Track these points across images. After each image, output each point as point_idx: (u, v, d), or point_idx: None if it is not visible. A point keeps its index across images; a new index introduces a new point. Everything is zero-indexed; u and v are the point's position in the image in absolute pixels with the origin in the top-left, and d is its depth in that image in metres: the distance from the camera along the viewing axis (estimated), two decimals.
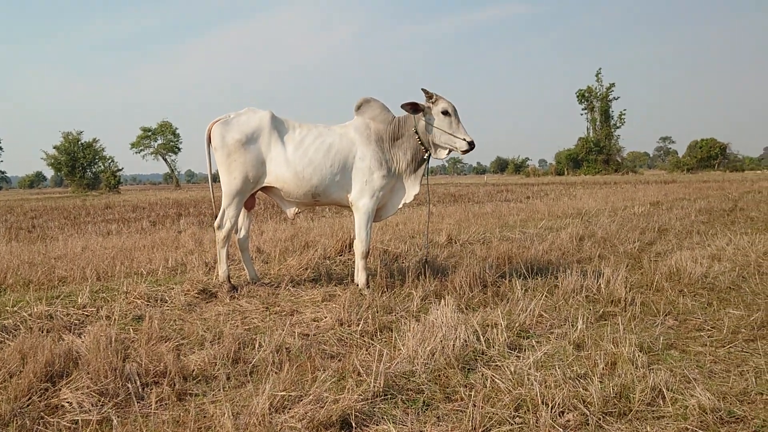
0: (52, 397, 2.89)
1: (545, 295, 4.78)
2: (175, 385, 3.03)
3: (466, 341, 3.56)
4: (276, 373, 3.14)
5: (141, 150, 64.07)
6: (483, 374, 3.16)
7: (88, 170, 51.50)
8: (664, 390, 2.90)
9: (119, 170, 50.08)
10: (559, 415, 2.70)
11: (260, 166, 5.02)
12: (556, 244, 7.45)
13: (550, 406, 2.73)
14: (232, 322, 4.17)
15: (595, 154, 62.88)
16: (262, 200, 15.60)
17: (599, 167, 61.45)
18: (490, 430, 2.60)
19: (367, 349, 3.62)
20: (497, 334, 3.71)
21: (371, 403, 2.81)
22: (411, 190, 5.27)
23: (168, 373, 3.13)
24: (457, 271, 5.27)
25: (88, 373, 3.05)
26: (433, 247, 7.54)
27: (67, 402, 2.83)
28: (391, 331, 3.93)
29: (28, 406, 2.81)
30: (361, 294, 4.89)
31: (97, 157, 51.81)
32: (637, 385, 2.93)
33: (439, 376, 3.18)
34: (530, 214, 12.02)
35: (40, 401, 2.85)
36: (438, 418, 2.73)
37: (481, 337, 3.65)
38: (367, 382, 2.95)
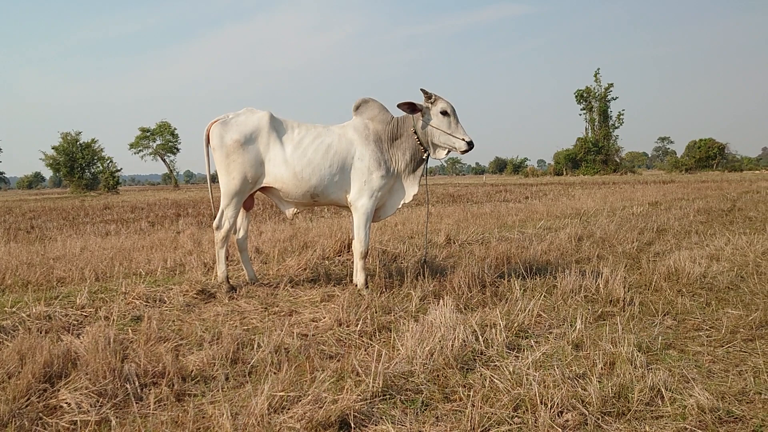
0: (51, 398, 2.89)
1: (544, 295, 4.79)
2: (173, 386, 3.03)
3: (464, 341, 3.56)
4: (275, 373, 3.14)
5: (140, 150, 64.12)
6: (482, 374, 3.16)
7: (87, 171, 51.48)
8: (663, 390, 2.90)
9: (118, 171, 50.02)
10: (558, 415, 2.70)
11: (259, 167, 5.02)
12: (555, 245, 7.45)
13: (549, 406, 2.73)
14: (231, 323, 4.16)
15: (594, 155, 62.98)
16: (261, 200, 15.59)
17: (598, 167, 61.54)
18: (488, 430, 2.60)
19: (366, 350, 3.62)
20: (496, 334, 3.72)
21: (370, 403, 2.81)
22: (410, 191, 5.27)
23: (167, 373, 3.13)
24: (456, 271, 5.27)
25: (87, 374, 3.05)
26: (432, 248, 7.54)
27: (66, 403, 2.82)
28: (390, 332, 3.93)
29: (26, 406, 2.81)
30: (360, 294, 4.88)
31: (96, 158, 51.78)
32: (636, 385, 2.93)
33: (438, 376, 3.18)
34: (529, 215, 12.02)
35: (38, 402, 2.85)
36: (437, 418, 2.73)
37: (480, 337, 3.65)
38: (365, 383, 2.95)
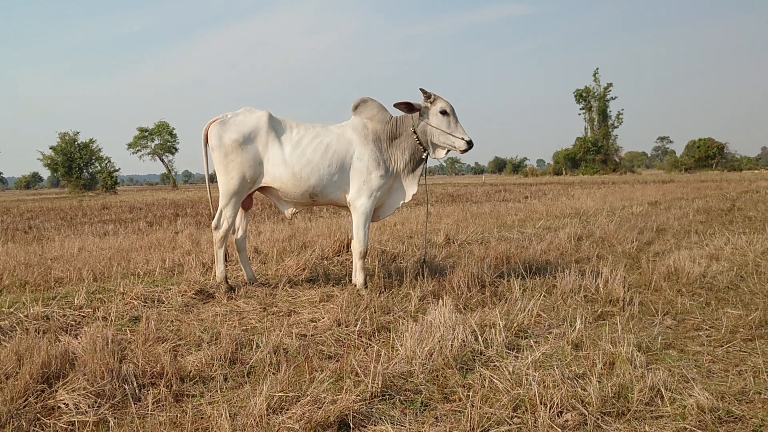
0: (49, 399, 2.88)
1: (543, 295, 4.78)
2: (172, 386, 3.02)
3: (464, 341, 3.55)
4: (273, 373, 3.13)
5: (138, 150, 64.06)
6: (481, 374, 3.15)
7: (85, 171, 51.37)
8: (663, 390, 2.89)
9: (116, 171, 49.94)
10: (558, 415, 2.70)
11: (257, 167, 5.01)
12: (555, 244, 7.44)
13: (549, 406, 2.73)
14: (230, 323, 4.16)
15: (593, 154, 63.05)
16: (260, 200, 15.58)
17: (597, 167, 61.60)
18: (488, 430, 2.60)
19: (365, 350, 3.61)
20: (495, 334, 3.71)
21: (369, 403, 2.81)
22: (409, 190, 5.26)
23: (165, 374, 3.12)
24: (455, 271, 5.27)
25: (85, 375, 3.04)
26: (431, 247, 7.53)
27: (64, 403, 2.81)
28: (389, 332, 3.92)
29: (24, 407, 2.79)
30: (359, 294, 4.88)
31: (94, 158, 51.67)
32: (636, 385, 2.93)
33: (437, 376, 3.18)
34: (528, 214, 12.02)
35: (36, 403, 2.84)
36: (436, 418, 2.73)
37: (480, 337, 3.64)
38: (364, 383, 2.94)
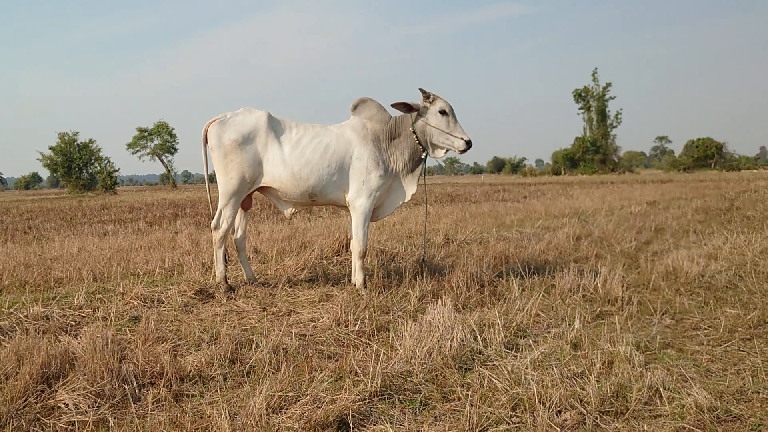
0: (49, 399, 2.89)
1: (542, 295, 4.79)
2: (171, 386, 3.02)
3: (463, 341, 3.56)
4: (273, 373, 3.14)
5: (137, 150, 64.00)
6: (480, 374, 3.16)
7: (85, 171, 51.29)
8: (661, 389, 2.90)
9: (115, 171, 49.92)
10: (556, 415, 2.70)
11: (257, 167, 5.02)
12: (553, 244, 7.45)
13: (548, 405, 2.73)
14: (229, 323, 4.16)
15: (592, 154, 63.08)
16: (259, 200, 15.58)
17: (596, 167, 61.64)
18: (487, 429, 2.60)
19: (364, 349, 3.62)
20: (494, 334, 3.72)
21: (368, 403, 2.81)
22: (408, 190, 5.27)
23: (165, 373, 3.13)
24: (454, 270, 5.27)
25: (85, 375, 3.04)
26: (430, 247, 7.54)
27: (64, 403, 2.82)
28: (388, 331, 3.93)
29: (24, 407, 2.80)
30: (358, 294, 4.88)
31: (94, 158, 51.59)
32: (634, 384, 2.93)
33: (436, 375, 3.18)
34: (527, 214, 12.03)
35: (36, 403, 2.84)
36: (435, 417, 2.73)
37: (478, 337, 3.65)
38: (364, 382, 2.95)
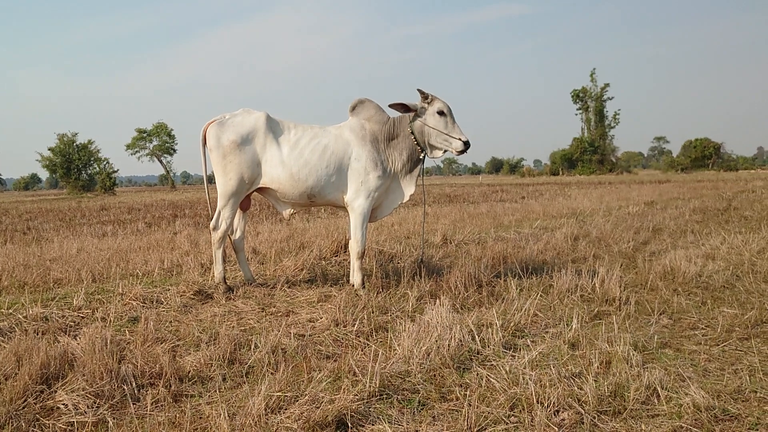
0: (48, 399, 2.89)
1: (540, 295, 4.80)
2: (170, 387, 3.03)
3: (461, 341, 3.56)
4: (272, 373, 3.15)
5: (136, 151, 64.01)
6: (478, 374, 3.17)
7: (84, 172, 51.24)
8: (659, 388, 2.91)
9: (114, 172, 49.92)
10: (554, 414, 2.71)
11: (255, 167, 5.02)
12: (551, 244, 7.47)
13: (545, 405, 2.74)
14: (228, 323, 4.17)
15: (590, 154, 63.13)
16: (258, 201, 15.58)
17: (594, 167, 61.68)
18: (485, 429, 2.61)
19: (363, 350, 3.63)
20: (492, 334, 3.72)
21: (367, 403, 2.82)
22: (407, 191, 5.28)
23: (164, 374, 3.13)
24: (453, 271, 5.28)
25: (84, 375, 3.05)
26: (429, 248, 7.55)
27: (63, 404, 2.82)
28: (387, 332, 3.94)
29: (23, 408, 2.80)
30: (357, 294, 4.89)
31: (93, 159, 51.54)
32: (632, 384, 2.94)
33: (435, 375, 3.19)
34: (525, 214, 12.05)
35: (35, 403, 2.85)
36: (433, 417, 2.74)
37: (477, 337, 3.66)
38: (362, 383, 2.95)
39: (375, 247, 6.96)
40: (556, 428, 2.58)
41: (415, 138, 5.12)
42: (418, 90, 5.08)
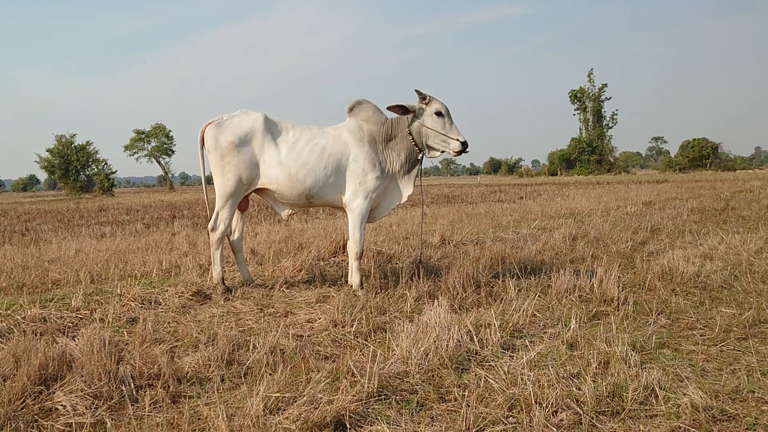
0: (46, 401, 2.89)
1: (538, 295, 4.80)
2: (169, 388, 3.03)
3: (459, 341, 3.57)
4: (270, 374, 3.15)
5: (134, 152, 64.07)
6: (476, 374, 3.17)
7: (82, 173, 51.17)
8: (657, 389, 2.92)
9: (113, 173, 49.91)
10: (553, 415, 2.71)
11: (254, 168, 5.03)
12: (549, 244, 7.47)
13: (544, 405, 2.74)
14: (226, 324, 4.17)
15: (588, 155, 63.20)
16: (256, 202, 15.58)
17: (592, 167, 61.75)
18: (483, 429, 2.61)
19: (361, 350, 3.63)
20: (490, 334, 3.73)
21: (365, 403, 2.82)
22: (405, 191, 5.28)
23: (162, 375, 3.13)
24: (451, 271, 5.29)
25: (82, 376, 3.05)
26: (427, 248, 7.55)
27: (61, 405, 2.82)
28: (385, 332, 3.94)
29: (21, 409, 2.80)
30: (355, 295, 4.89)
31: (91, 160, 51.48)
32: (630, 384, 2.95)
33: (433, 376, 3.19)
34: (523, 215, 12.06)
35: (33, 404, 2.84)
36: (432, 418, 2.74)
37: (475, 338, 3.66)
38: (361, 383, 2.96)
39: (373, 248, 6.97)
40: (555, 429, 2.59)
41: (413, 139, 5.13)
42: (416, 91, 5.08)
